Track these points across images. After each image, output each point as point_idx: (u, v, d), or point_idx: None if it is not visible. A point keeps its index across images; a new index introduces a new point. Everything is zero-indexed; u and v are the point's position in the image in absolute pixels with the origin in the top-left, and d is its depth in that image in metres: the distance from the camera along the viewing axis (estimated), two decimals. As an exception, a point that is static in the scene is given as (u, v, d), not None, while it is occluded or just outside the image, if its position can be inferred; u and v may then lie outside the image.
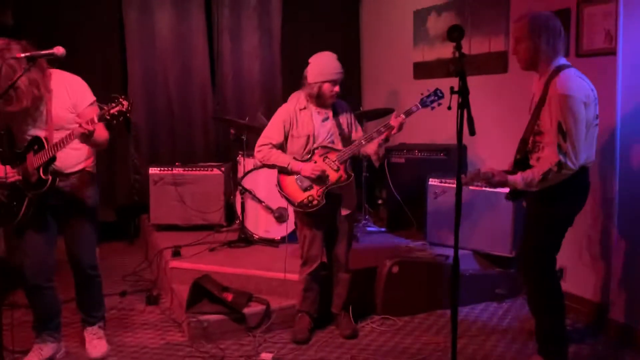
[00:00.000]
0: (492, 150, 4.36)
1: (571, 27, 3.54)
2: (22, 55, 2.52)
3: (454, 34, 2.15)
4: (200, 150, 5.70)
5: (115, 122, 2.65)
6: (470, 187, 3.96)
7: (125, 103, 2.62)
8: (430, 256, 3.98)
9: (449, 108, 2.13)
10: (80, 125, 2.65)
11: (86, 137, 2.70)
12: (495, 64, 4.33)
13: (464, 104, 2.08)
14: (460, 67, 2.10)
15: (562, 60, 2.72)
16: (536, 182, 2.62)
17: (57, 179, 2.85)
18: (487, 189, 3.93)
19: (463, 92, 2.06)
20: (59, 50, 2.57)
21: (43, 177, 2.80)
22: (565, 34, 2.89)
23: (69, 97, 2.89)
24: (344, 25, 6.15)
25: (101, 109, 2.68)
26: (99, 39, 5.29)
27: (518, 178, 2.64)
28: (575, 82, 2.62)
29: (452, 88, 2.10)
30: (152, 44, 5.48)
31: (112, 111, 2.63)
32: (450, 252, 3.94)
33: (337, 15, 6.11)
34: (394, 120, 3.16)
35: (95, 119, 2.64)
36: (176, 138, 5.66)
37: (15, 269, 3.12)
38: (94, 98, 2.93)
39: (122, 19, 5.37)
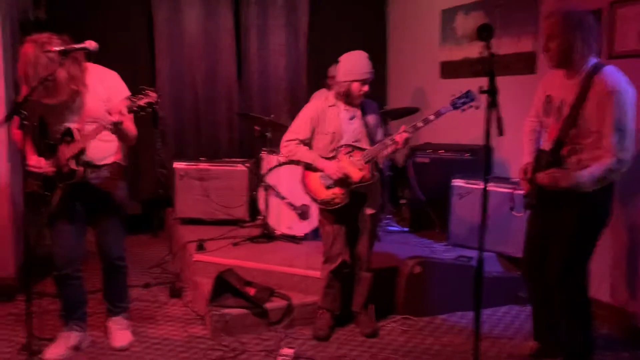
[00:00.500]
0: (518, 152, 4.30)
1: (603, 28, 3.48)
2: (56, 48, 2.57)
3: (484, 33, 2.13)
4: (225, 146, 5.76)
5: (143, 113, 2.69)
6: (495, 189, 3.93)
7: (153, 95, 2.67)
8: (453, 257, 3.95)
9: (477, 107, 2.11)
10: (110, 115, 2.70)
11: (116, 128, 2.74)
12: (523, 64, 4.28)
13: (493, 104, 2.05)
14: (489, 67, 2.08)
15: (595, 59, 2.66)
16: (596, 179, 2.55)
17: (88, 170, 2.91)
18: (512, 190, 3.90)
19: (492, 92, 2.04)
20: (92, 44, 2.62)
21: (74, 167, 2.86)
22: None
23: (104, 91, 2.95)
24: (370, 23, 6.13)
25: (130, 100, 2.72)
26: (128, 36, 5.39)
27: (585, 175, 2.56)
28: (623, 78, 2.58)
29: (481, 88, 2.08)
30: (180, 41, 5.55)
31: (140, 102, 2.67)
32: (473, 253, 3.94)
33: (363, 13, 6.09)
34: (398, 136, 3.13)
35: (125, 110, 2.69)
36: (202, 133, 5.72)
37: (43, 259, 3.19)
38: (129, 93, 2.97)
39: (151, 16, 5.45)
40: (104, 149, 3.00)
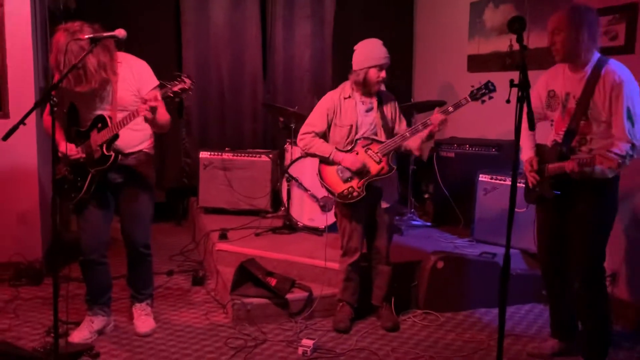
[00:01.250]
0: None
1: (639, 22, 3.39)
2: (86, 36, 2.60)
3: (515, 25, 2.09)
4: (249, 137, 5.78)
5: (177, 99, 2.72)
6: (522, 185, 3.86)
7: (187, 81, 2.69)
8: (477, 253, 3.91)
9: (508, 101, 2.07)
10: (145, 102, 2.71)
11: (150, 115, 2.75)
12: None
13: (524, 98, 2.01)
14: (521, 59, 2.03)
15: (598, 53, 2.72)
16: (616, 165, 2.53)
17: (119, 156, 2.94)
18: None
19: (524, 86, 2.00)
20: (121, 32, 2.64)
21: (106, 153, 2.90)
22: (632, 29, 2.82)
23: (135, 81, 2.97)
24: (397, 15, 6.08)
25: (164, 86, 2.74)
26: (155, 25, 5.43)
27: (614, 160, 2.53)
28: (628, 70, 2.67)
29: (511, 81, 2.04)
30: (206, 31, 5.57)
31: (174, 88, 2.69)
32: (497, 250, 3.89)
33: (390, 5, 6.04)
34: (433, 117, 3.09)
35: (159, 96, 2.71)
36: (226, 124, 5.75)
37: (69, 244, 3.24)
38: (157, 82, 3.00)
39: (178, 6, 5.48)
40: (133, 138, 3.03)
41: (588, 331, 2.87)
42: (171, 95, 2.70)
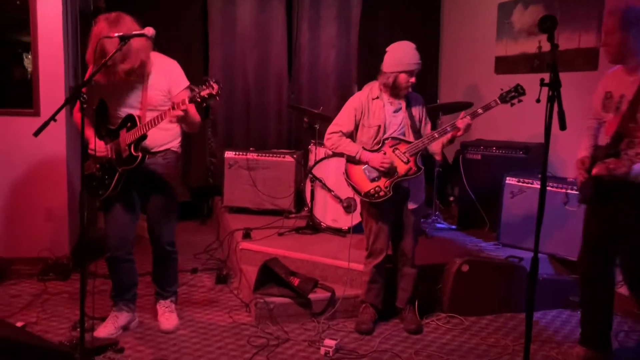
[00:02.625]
0: (573, 150, 4.14)
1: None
2: (115, 35, 2.63)
3: (546, 24, 2.05)
4: (273, 137, 5.80)
5: (205, 104, 2.73)
6: (550, 189, 3.80)
7: (215, 86, 2.69)
8: (503, 257, 3.86)
9: (538, 101, 2.03)
10: (173, 107, 2.75)
11: (181, 118, 2.81)
12: (584, 60, 4.12)
13: (555, 97, 1.98)
14: (552, 59, 2.00)
15: None
16: (625, 172, 2.57)
17: (146, 156, 2.98)
18: (568, 191, 3.76)
19: (555, 85, 1.96)
20: (150, 31, 2.68)
21: (134, 153, 2.93)
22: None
23: (166, 80, 3.01)
24: (424, 16, 6.04)
25: (192, 90, 2.76)
26: (182, 26, 5.50)
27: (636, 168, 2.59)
28: None
29: (542, 80, 2.00)
30: (233, 32, 5.60)
31: (202, 93, 2.70)
32: (523, 254, 3.83)
33: (418, 6, 6.01)
34: (460, 122, 3.06)
35: (187, 101, 2.73)
36: (251, 124, 5.77)
37: (96, 240, 3.29)
38: (188, 83, 3.03)
39: (206, 7, 5.53)
40: (161, 137, 3.06)
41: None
42: (199, 100, 2.71)
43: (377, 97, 3.25)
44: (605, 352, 2.95)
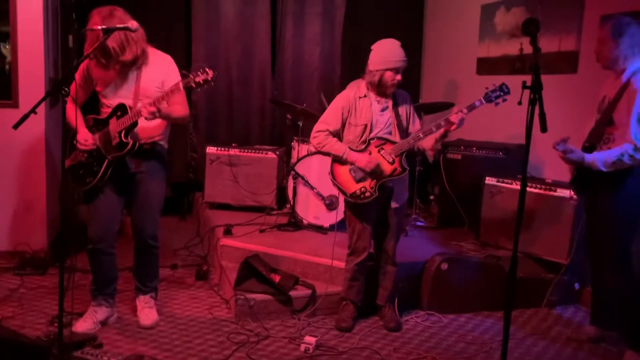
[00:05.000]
0: (552, 152, 4.21)
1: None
2: (99, 27, 2.60)
3: (530, 27, 2.09)
4: (256, 133, 5.78)
5: (199, 89, 2.78)
6: (529, 189, 3.86)
7: (210, 72, 2.73)
8: (481, 256, 3.91)
9: (520, 103, 2.07)
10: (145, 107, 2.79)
11: (150, 117, 2.81)
12: (564, 64, 4.19)
13: (537, 100, 2.01)
14: (535, 62, 2.03)
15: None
16: (610, 162, 2.82)
17: (137, 144, 2.97)
18: (548, 192, 3.83)
19: (536, 88, 2.00)
20: (133, 24, 2.67)
21: (124, 140, 2.93)
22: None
23: (160, 72, 3.03)
24: (407, 15, 6.06)
25: (186, 76, 2.78)
26: (165, 19, 5.42)
27: (594, 156, 2.87)
28: None
29: (524, 83, 2.03)
30: (216, 27, 5.57)
31: (197, 79, 2.73)
32: (501, 253, 3.88)
33: (401, 5, 6.03)
34: (454, 117, 3.07)
35: (181, 86, 2.77)
36: (234, 120, 5.75)
37: (75, 234, 3.25)
38: (180, 79, 3.01)
39: (189, 0, 5.48)
40: (147, 130, 3.05)
41: (620, 317, 3.07)
42: (194, 85, 2.75)
43: (365, 96, 3.25)
44: (612, 328, 3.22)
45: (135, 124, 2.92)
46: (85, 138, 2.97)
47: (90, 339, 2.97)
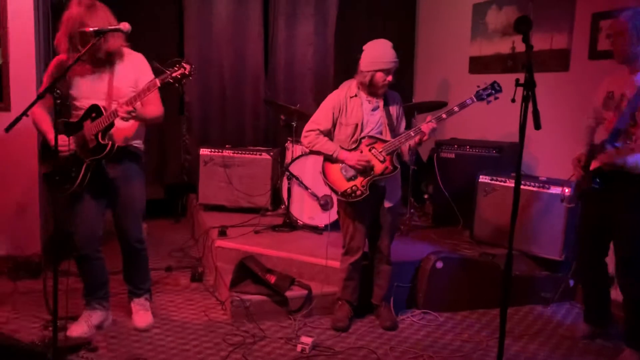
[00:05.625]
0: (545, 150, 4.24)
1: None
2: (91, 29, 2.59)
3: (522, 26, 2.09)
4: (250, 134, 5.77)
5: (177, 85, 2.70)
6: (522, 187, 3.87)
7: (187, 66, 2.66)
8: (476, 254, 3.92)
9: (513, 101, 2.07)
10: (121, 106, 2.73)
11: (127, 117, 2.76)
12: (556, 61, 4.21)
13: (530, 97, 2.02)
14: (527, 59, 2.04)
15: None
16: (611, 159, 2.78)
17: (115, 146, 2.90)
18: (541, 189, 3.84)
19: (530, 85, 2.00)
20: (125, 26, 2.65)
21: (102, 142, 2.86)
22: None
23: (133, 72, 2.97)
24: (400, 15, 6.08)
25: (162, 72, 2.72)
26: (158, 20, 5.41)
27: (632, 159, 2.78)
28: None
29: (517, 80, 2.04)
30: (209, 28, 5.56)
31: (174, 74, 2.67)
32: (496, 251, 3.90)
33: (394, 5, 6.04)
34: (425, 126, 3.10)
35: (158, 82, 2.71)
36: (227, 121, 5.74)
37: (66, 239, 3.20)
38: (153, 76, 2.97)
39: (181, 1, 5.47)
40: (121, 131, 2.98)
41: (628, 321, 3.05)
42: (171, 81, 2.68)
43: (355, 96, 3.25)
44: (605, 326, 3.28)
45: (111, 125, 2.84)
46: (63, 142, 2.85)
47: (85, 343, 2.95)
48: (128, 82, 2.96)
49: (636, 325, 3.01)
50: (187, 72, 2.67)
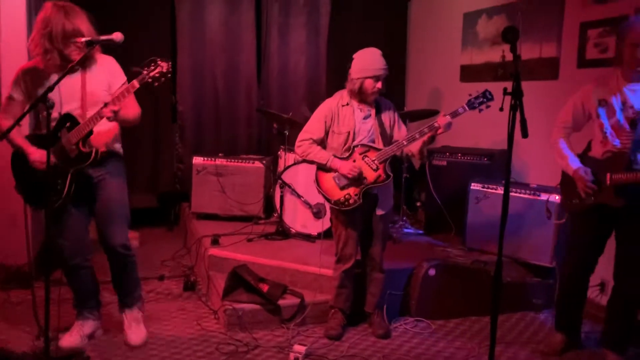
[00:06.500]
0: (536, 157, 4.28)
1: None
2: (83, 39, 2.60)
3: (509, 35, 2.12)
4: (243, 143, 5.78)
5: (157, 84, 2.66)
6: (513, 194, 3.90)
7: (164, 64, 2.64)
8: (468, 261, 3.93)
9: (501, 109, 2.10)
10: (106, 106, 2.69)
11: (112, 116, 2.72)
12: (545, 70, 4.25)
13: (518, 106, 2.04)
14: (515, 68, 2.07)
15: None
16: None
17: (99, 152, 2.86)
18: (532, 197, 3.87)
19: (517, 94, 2.03)
20: (118, 36, 2.64)
21: (84, 150, 2.82)
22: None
23: (106, 75, 2.92)
24: (391, 25, 6.12)
25: (139, 73, 2.68)
26: (150, 29, 5.41)
27: None
28: None
29: (505, 89, 2.07)
30: (202, 37, 5.58)
31: (152, 74, 2.64)
32: (488, 258, 3.91)
33: (385, 15, 6.09)
34: (441, 119, 3.09)
35: (136, 83, 2.67)
36: (220, 130, 5.75)
37: (56, 249, 3.15)
38: (125, 78, 2.94)
39: (174, 10, 5.49)
40: (101, 136, 2.93)
41: (618, 328, 3.04)
42: (150, 80, 2.64)
43: (347, 104, 3.28)
44: (575, 336, 3.27)
45: (91, 132, 2.79)
46: (41, 157, 2.79)
47: (77, 354, 2.94)
48: (101, 86, 2.91)
49: (622, 329, 3.01)
50: (164, 70, 2.64)
